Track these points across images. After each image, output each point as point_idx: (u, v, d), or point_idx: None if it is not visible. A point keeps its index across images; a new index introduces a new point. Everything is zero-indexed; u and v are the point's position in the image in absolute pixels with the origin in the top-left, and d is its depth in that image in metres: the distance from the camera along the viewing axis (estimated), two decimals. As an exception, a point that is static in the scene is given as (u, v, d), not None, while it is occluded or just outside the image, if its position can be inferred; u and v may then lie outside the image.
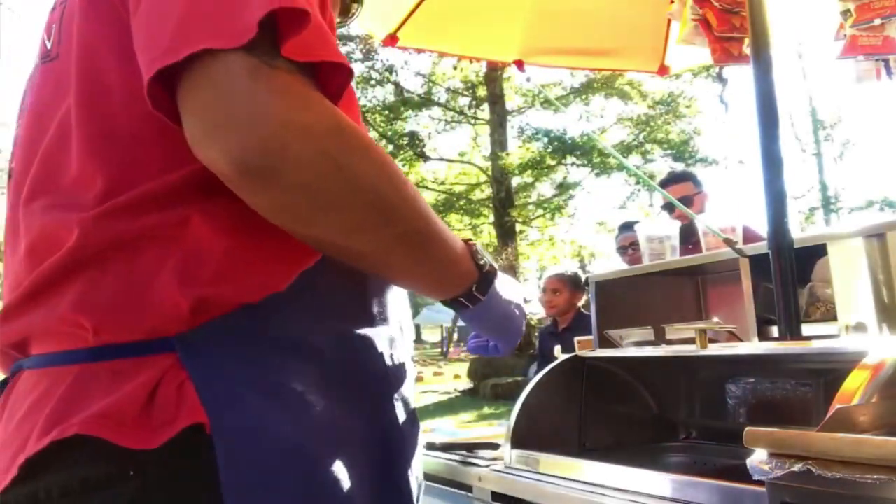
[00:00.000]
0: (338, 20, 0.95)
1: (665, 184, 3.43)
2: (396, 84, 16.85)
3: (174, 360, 0.64)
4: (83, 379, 0.65)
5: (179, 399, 0.62)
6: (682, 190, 3.24)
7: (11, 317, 0.72)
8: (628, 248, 3.67)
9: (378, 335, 0.76)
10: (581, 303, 4.20)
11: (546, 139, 16.96)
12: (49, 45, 0.79)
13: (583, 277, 4.24)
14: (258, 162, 0.59)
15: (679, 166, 16.32)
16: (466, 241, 0.80)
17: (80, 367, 0.66)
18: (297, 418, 0.66)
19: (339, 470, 0.67)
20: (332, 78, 0.65)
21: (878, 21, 1.90)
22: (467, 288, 0.78)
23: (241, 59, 0.59)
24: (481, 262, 0.80)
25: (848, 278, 1.44)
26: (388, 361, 0.76)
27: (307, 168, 0.61)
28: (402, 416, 0.77)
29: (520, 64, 2.70)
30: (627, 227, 3.79)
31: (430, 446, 1.57)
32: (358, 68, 16.53)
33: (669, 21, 2.63)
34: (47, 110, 0.75)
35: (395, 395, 0.77)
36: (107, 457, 0.61)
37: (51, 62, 0.78)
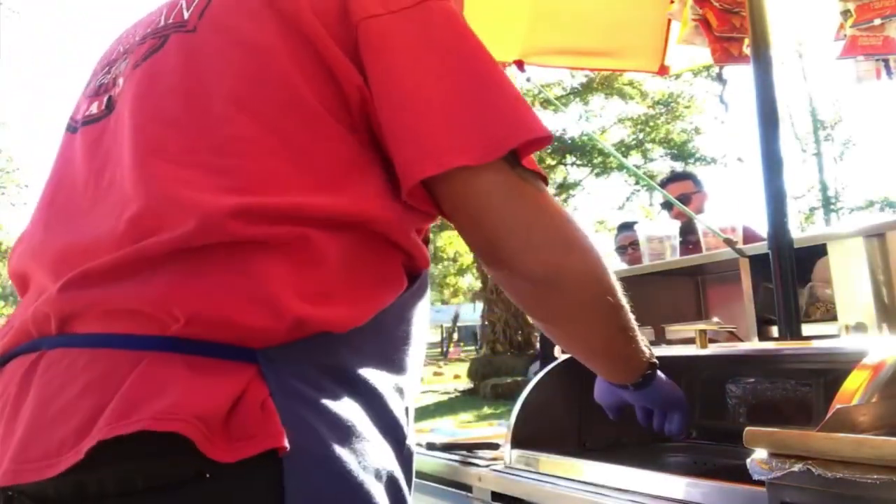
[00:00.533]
0: None
1: (664, 183, 3.43)
2: (396, 84, 16.84)
3: (255, 372, 0.63)
4: (155, 367, 0.62)
5: (264, 418, 0.61)
6: (681, 188, 3.25)
7: (87, 283, 0.67)
8: (628, 248, 3.67)
9: (408, 382, 0.80)
10: None
11: (546, 139, 16.97)
12: (186, 15, 0.79)
13: None
14: (551, 277, 0.79)
15: (679, 166, 16.34)
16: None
17: (151, 354, 0.63)
18: (358, 452, 0.66)
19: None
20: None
21: (878, 21, 1.90)
22: (644, 370, 1.03)
23: (512, 177, 0.75)
24: (648, 352, 1.03)
25: (848, 278, 1.44)
26: (406, 412, 0.79)
27: (583, 282, 0.82)
28: (409, 464, 0.78)
29: (520, 64, 2.70)
30: (627, 226, 3.78)
31: (430, 446, 1.57)
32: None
33: (669, 21, 2.63)
34: (189, 77, 0.75)
35: (408, 442, 0.78)
36: (183, 459, 0.59)
37: (188, 33, 0.78)
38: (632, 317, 0.91)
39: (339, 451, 0.65)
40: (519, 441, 1.29)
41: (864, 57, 1.96)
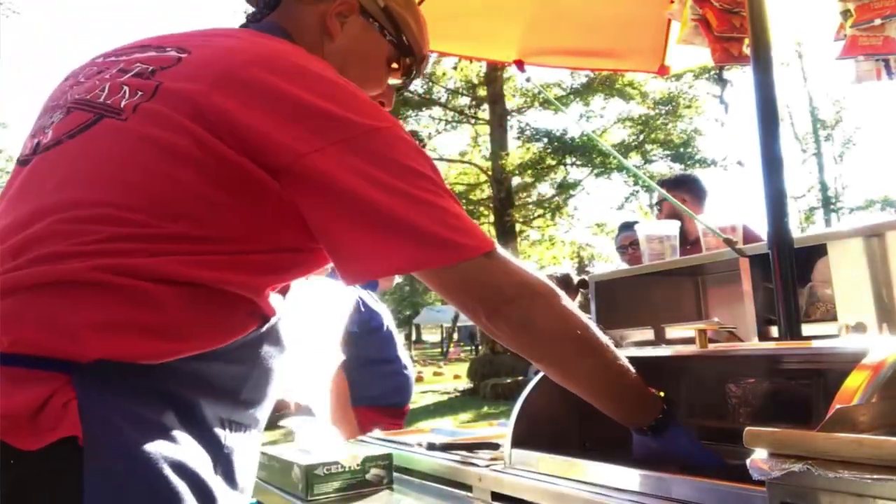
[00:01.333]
0: (397, 81, 1.16)
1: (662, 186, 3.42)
2: (396, 84, 16.84)
3: (67, 381, 0.75)
4: None
5: (65, 414, 0.73)
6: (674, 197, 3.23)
7: None
8: (628, 248, 3.68)
9: (236, 412, 0.89)
10: (574, 303, 4.19)
11: (546, 139, 16.96)
12: (123, 104, 0.89)
13: (576, 278, 4.23)
14: (521, 324, 0.97)
15: (679, 167, 16.33)
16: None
17: None
18: (160, 447, 0.77)
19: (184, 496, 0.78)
20: None
21: (878, 21, 1.90)
22: (657, 411, 1.08)
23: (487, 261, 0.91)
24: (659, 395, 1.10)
25: (848, 278, 1.44)
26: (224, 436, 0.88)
27: (544, 321, 0.98)
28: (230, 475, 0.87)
29: (520, 64, 2.70)
30: (627, 226, 3.79)
31: (431, 446, 1.57)
32: (358, 68, 16.48)
33: (669, 21, 2.63)
34: (97, 161, 0.87)
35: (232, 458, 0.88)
36: None
37: (120, 121, 0.88)
38: (619, 357, 1.03)
39: (140, 444, 0.75)
40: (519, 441, 1.29)
41: (864, 57, 1.96)
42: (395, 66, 1.13)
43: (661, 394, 1.09)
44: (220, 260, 0.84)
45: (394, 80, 1.15)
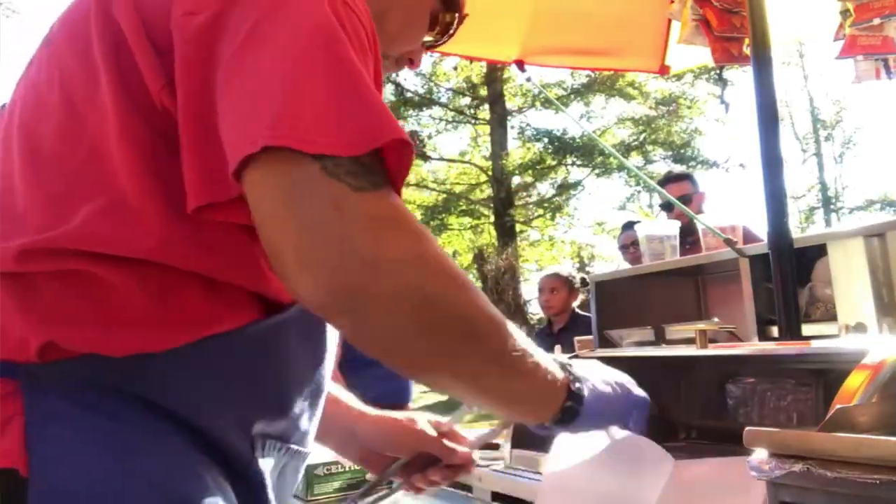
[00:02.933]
0: (430, 39, 0.99)
1: (663, 184, 3.44)
2: (397, 84, 16.85)
3: (16, 387, 0.63)
4: None
5: (1, 435, 0.61)
6: (679, 189, 3.25)
7: None
8: (630, 247, 3.69)
9: (261, 415, 0.73)
10: (576, 303, 4.20)
11: (546, 139, 16.96)
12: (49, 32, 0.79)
13: (578, 278, 4.24)
14: (343, 304, 0.60)
15: (679, 167, 16.33)
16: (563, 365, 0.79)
17: None
18: (131, 473, 0.63)
19: None
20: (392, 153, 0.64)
21: (877, 21, 1.90)
22: (565, 399, 0.77)
23: (327, 180, 0.59)
24: (570, 370, 0.79)
25: (848, 278, 1.44)
26: (254, 441, 0.73)
27: (389, 305, 0.61)
28: (256, 490, 0.73)
29: (520, 64, 2.70)
30: (629, 226, 3.81)
31: (430, 446, 1.57)
32: (358, 68, 16.48)
33: (670, 21, 2.63)
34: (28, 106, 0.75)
35: (255, 468, 0.73)
36: None
37: (46, 48, 0.77)
38: (517, 342, 0.70)
39: (102, 473, 0.62)
40: (519, 441, 1.29)
41: (863, 56, 1.96)
42: (434, 22, 0.97)
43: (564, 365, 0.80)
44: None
45: (428, 38, 0.99)
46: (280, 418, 0.75)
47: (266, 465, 0.74)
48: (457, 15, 1.00)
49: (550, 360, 0.76)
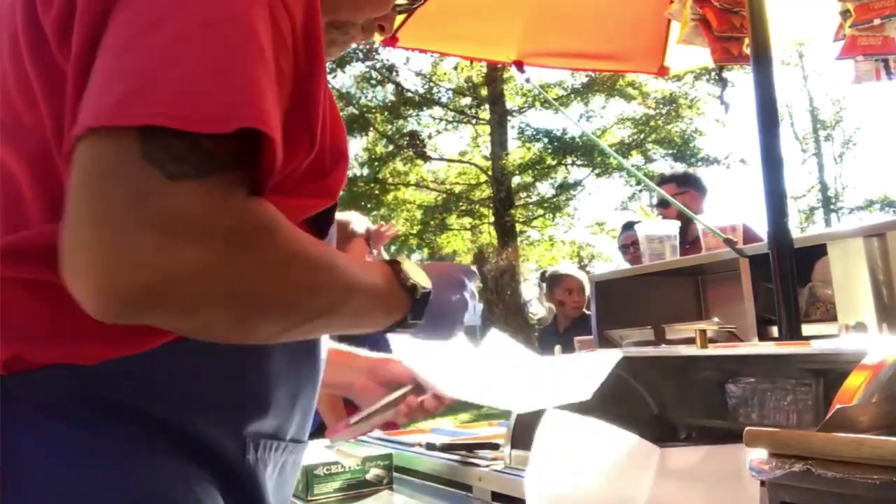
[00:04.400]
0: (403, 2, 0.92)
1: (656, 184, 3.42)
2: (397, 84, 16.85)
3: None
4: None
5: None
6: (666, 191, 3.23)
7: None
8: (629, 247, 3.69)
9: (246, 416, 0.72)
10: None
11: (546, 139, 16.96)
12: None
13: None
14: (119, 317, 0.54)
15: (679, 166, 16.33)
16: (391, 264, 0.75)
17: None
18: (103, 484, 0.62)
19: None
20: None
21: (877, 21, 1.90)
22: (403, 316, 0.74)
23: (137, 163, 0.51)
24: (409, 285, 0.74)
25: (848, 278, 1.44)
26: (246, 442, 0.72)
27: (170, 323, 0.57)
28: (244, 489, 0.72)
29: (519, 65, 2.70)
30: (629, 226, 3.81)
31: (430, 446, 1.57)
32: (358, 68, 16.54)
33: (669, 21, 2.63)
34: None
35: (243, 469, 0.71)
36: None
37: None
38: (341, 282, 0.66)
39: (78, 481, 0.61)
40: (519, 441, 1.29)
41: (863, 57, 1.96)
42: None
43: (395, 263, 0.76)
44: None
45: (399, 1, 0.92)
46: (269, 414, 0.73)
47: (262, 464, 0.73)
48: None
49: (390, 285, 0.73)
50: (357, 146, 18.58)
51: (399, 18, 2.46)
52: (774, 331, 1.63)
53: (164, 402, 0.66)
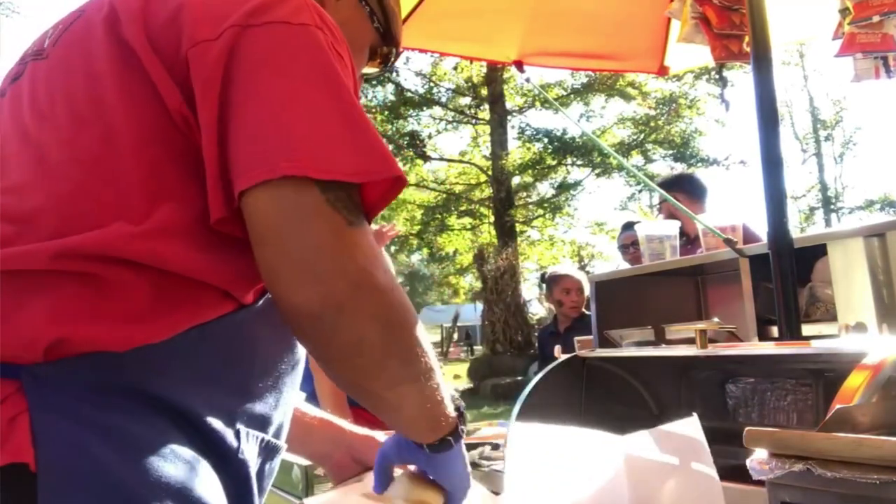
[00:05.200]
0: (373, 70, 1.09)
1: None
2: (397, 84, 16.85)
3: (17, 388, 0.65)
4: None
5: (10, 431, 0.63)
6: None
7: None
8: (629, 247, 3.68)
9: (243, 401, 0.78)
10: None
11: (546, 139, 16.96)
12: (46, 44, 0.84)
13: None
14: (329, 315, 0.69)
15: (680, 166, 16.32)
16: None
17: None
18: (139, 469, 0.66)
19: None
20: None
21: (876, 18, 1.90)
22: (450, 432, 0.86)
23: (326, 207, 0.69)
24: (459, 407, 0.88)
25: (848, 278, 1.44)
26: (239, 432, 0.77)
27: (365, 322, 0.71)
28: (243, 479, 0.77)
29: (519, 64, 2.70)
30: (629, 226, 3.80)
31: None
32: (358, 68, 16.50)
33: (669, 21, 2.63)
34: (31, 110, 0.79)
35: (241, 457, 0.77)
36: None
37: (41, 61, 0.82)
38: (435, 371, 0.80)
39: (110, 466, 0.65)
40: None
41: (862, 54, 1.96)
42: (373, 54, 1.07)
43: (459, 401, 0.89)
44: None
45: (367, 70, 1.09)
46: (258, 403, 0.80)
47: (250, 455, 0.78)
48: (394, 49, 1.07)
49: (451, 401, 0.86)
50: (357, 146, 18.54)
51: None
52: (774, 331, 1.63)
53: (179, 383, 0.72)
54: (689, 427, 0.97)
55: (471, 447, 1.50)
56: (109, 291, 0.70)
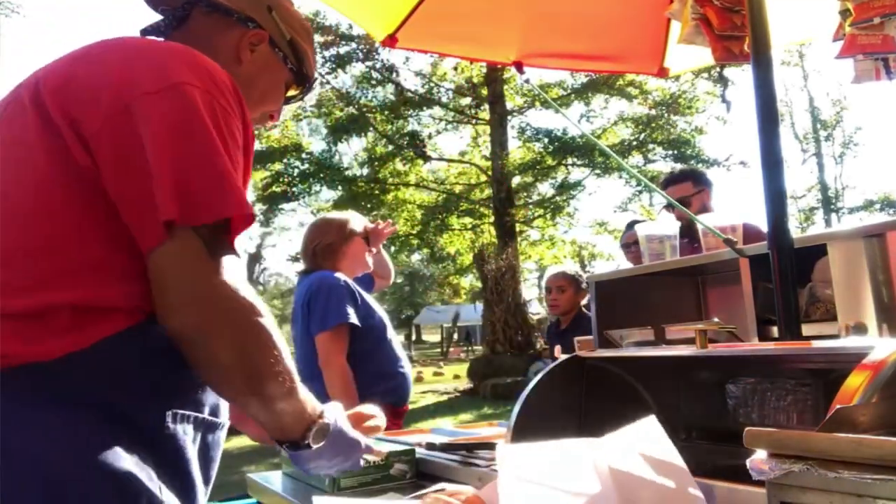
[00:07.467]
0: (295, 93, 1.27)
1: (665, 184, 3.41)
2: (397, 84, 16.85)
3: None
4: None
5: None
6: (679, 191, 3.23)
7: None
8: (631, 246, 3.68)
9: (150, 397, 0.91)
10: (584, 302, 4.21)
11: (546, 139, 16.95)
12: None
13: (584, 276, 4.25)
14: (204, 333, 0.88)
15: (680, 166, 16.32)
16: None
17: None
18: (58, 446, 0.81)
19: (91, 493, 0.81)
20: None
21: (877, 20, 1.90)
22: (303, 434, 0.98)
23: (199, 245, 0.89)
24: (319, 412, 1.01)
25: (848, 278, 1.44)
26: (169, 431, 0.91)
27: (233, 336, 0.89)
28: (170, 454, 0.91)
29: (519, 65, 2.70)
30: (632, 225, 3.80)
31: (430, 446, 1.57)
32: (358, 68, 16.54)
33: (669, 22, 2.63)
34: None
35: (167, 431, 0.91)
36: None
37: None
38: (288, 382, 0.94)
39: (47, 456, 0.80)
40: (519, 441, 1.29)
41: (862, 56, 1.96)
42: (289, 88, 1.27)
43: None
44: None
45: (290, 93, 1.27)
46: (190, 390, 0.94)
47: (184, 431, 0.92)
48: (306, 85, 1.26)
49: (310, 405, 1.00)
50: (357, 146, 18.58)
51: (399, 18, 2.47)
52: (774, 331, 1.63)
53: (105, 384, 0.86)
54: (650, 427, 1.03)
55: (471, 447, 1.50)
56: (39, 321, 0.85)
